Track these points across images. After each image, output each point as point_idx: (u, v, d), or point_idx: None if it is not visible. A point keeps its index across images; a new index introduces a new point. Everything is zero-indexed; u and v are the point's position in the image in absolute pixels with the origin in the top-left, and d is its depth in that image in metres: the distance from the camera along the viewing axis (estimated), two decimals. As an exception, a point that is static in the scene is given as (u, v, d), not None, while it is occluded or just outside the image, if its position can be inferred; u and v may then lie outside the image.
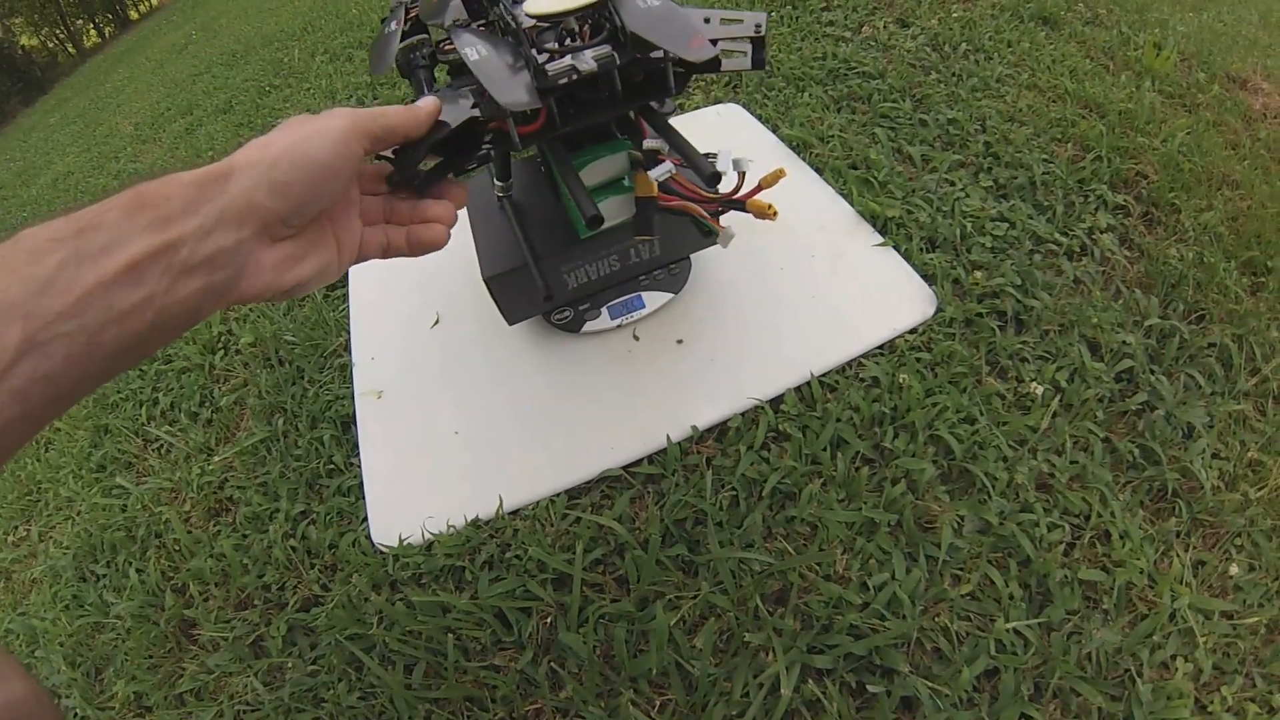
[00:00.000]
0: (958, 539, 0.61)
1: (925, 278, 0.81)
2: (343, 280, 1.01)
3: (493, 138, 0.48)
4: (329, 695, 0.62)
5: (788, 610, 0.59)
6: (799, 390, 0.73)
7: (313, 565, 0.71)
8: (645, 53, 0.47)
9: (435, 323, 0.89)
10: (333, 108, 0.35)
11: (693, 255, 0.80)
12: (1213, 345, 0.77)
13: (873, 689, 0.55)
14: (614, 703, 0.57)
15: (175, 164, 2.00)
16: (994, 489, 0.64)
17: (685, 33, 0.44)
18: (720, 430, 0.72)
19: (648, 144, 0.53)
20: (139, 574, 0.78)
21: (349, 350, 0.90)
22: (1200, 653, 0.57)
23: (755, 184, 0.55)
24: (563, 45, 0.48)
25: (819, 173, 0.96)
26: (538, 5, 0.48)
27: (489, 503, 0.69)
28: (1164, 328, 0.78)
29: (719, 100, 1.17)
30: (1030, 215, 0.89)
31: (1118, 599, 0.59)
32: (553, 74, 0.45)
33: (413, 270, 0.97)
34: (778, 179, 0.53)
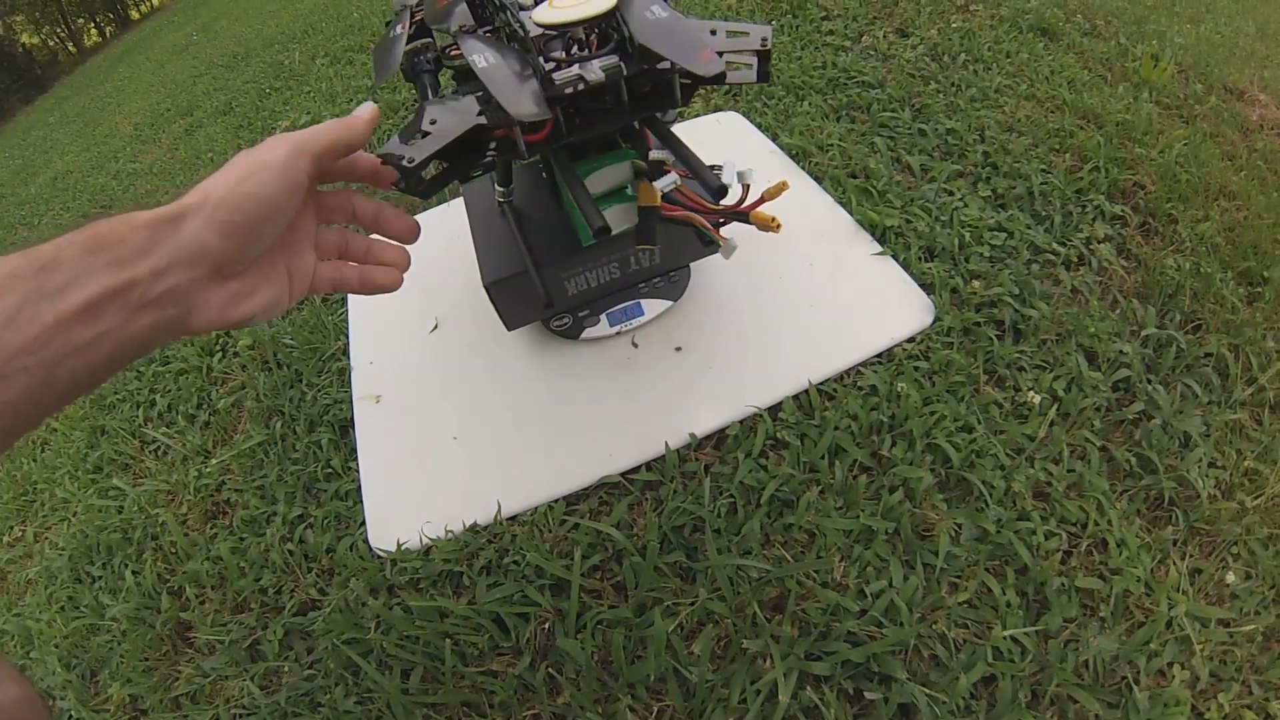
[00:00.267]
0: (955, 547, 0.61)
1: (923, 287, 0.81)
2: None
3: (498, 145, 0.48)
4: (326, 700, 0.62)
5: (785, 617, 0.59)
6: (797, 398, 0.73)
7: (310, 569, 0.71)
8: (652, 64, 0.47)
9: (434, 327, 0.89)
10: (279, 134, 0.35)
11: (692, 263, 0.80)
12: (1209, 355, 0.77)
13: (870, 696, 0.55)
14: (612, 709, 0.57)
15: (175, 164, 2.00)
16: (991, 497, 0.64)
17: (693, 45, 0.44)
18: (719, 437, 0.72)
19: (654, 154, 0.53)
20: (135, 576, 0.77)
21: (347, 354, 0.90)
22: (1197, 660, 0.57)
23: (759, 196, 0.55)
24: (570, 55, 0.48)
25: (818, 181, 0.97)
26: (546, 14, 0.48)
27: (487, 508, 0.69)
28: (1161, 337, 0.78)
29: (719, 108, 1.18)
30: (1028, 225, 0.89)
31: (1115, 607, 0.59)
32: (560, 83, 0.45)
33: (412, 275, 0.96)
34: (780, 191, 0.53)
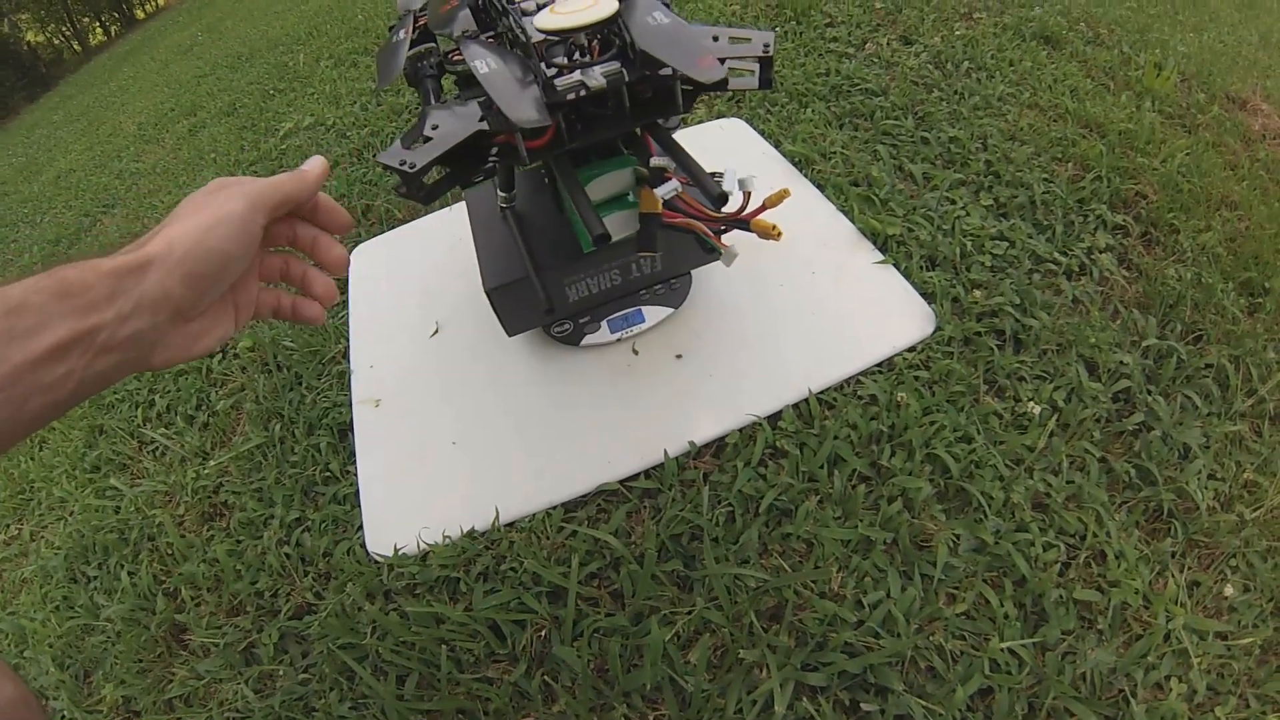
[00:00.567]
0: (953, 558, 0.61)
1: (924, 296, 0.81)
2: (342, 287, 1.01)
3: (499, 151, 0.48)
4: (320, 704, 0.61)
5: (782, 627, 0.59)
6: (797, 407, 0.73)
7: (306, 573, 0.71)
8: (654, 70, 0.47)
9: (435, 332, 0.89)
10: (228, 179, 0.38)
11: (694, 271, 0.80)
12: (1210, 366, 0.77)
13: (867, 707, 0.55)
14: (607, 717, 0.57)
15: (178, 164, 2.00)
16: (990, 508, 0.64)
17: (695, 51, 0.44)
18: (718, 446, 0.72)
19: (655, 161, 0.53)
20: (131, 577, 0.77)
21: (347, 357, 0.90)
22: (1195, 673, 0.57)
23: (760, 204, 0.55)
24: (572, 60, 0.48)
25: (820, 189, 0.97)
26: (548, 20, 0.48)
27: (485, 514, 0.69)
28: (1161, 348, 0.78)
29: (722, 115, 1.18)
30: (1030, 234, 0.89)
31: (1113, 619, 0.59)
32: (562, 89, 0.45)
33: (413, 279, 0.97)
34: (782, 199, 0.53)
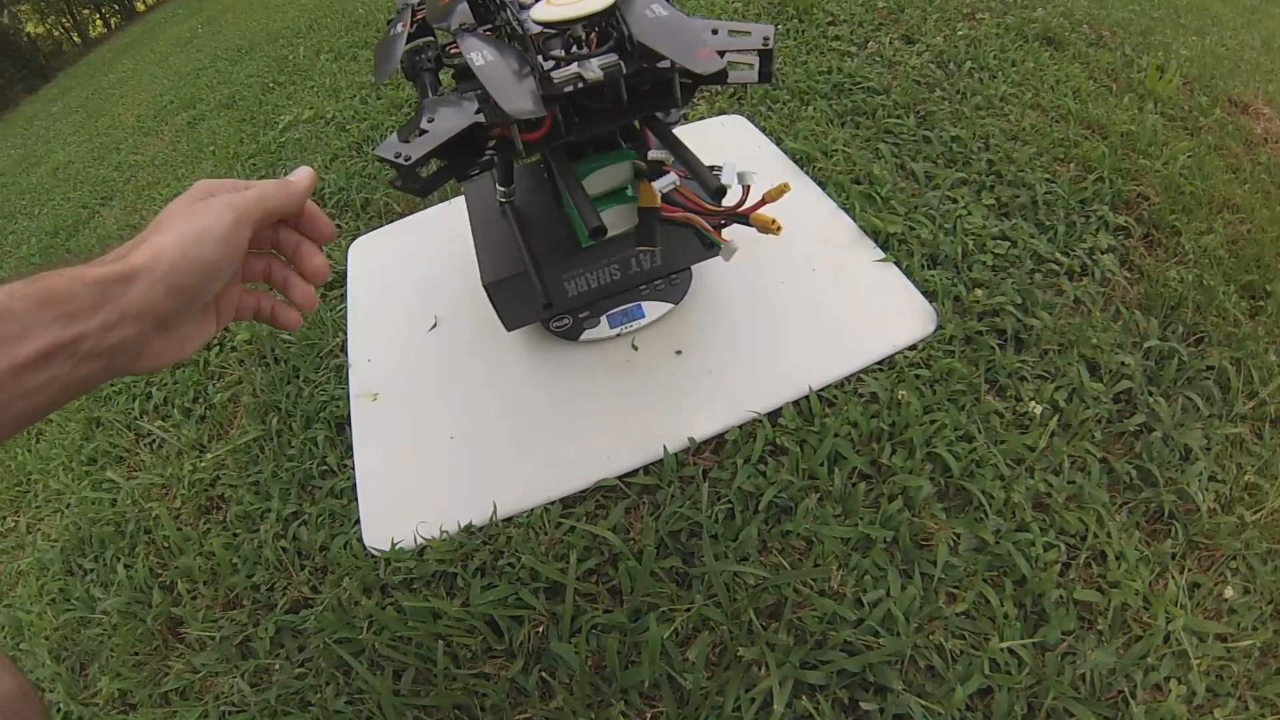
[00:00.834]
0: (953, 557, 0.61)
1: (926, 294, 0.81)
2: (340, 280, 1.00)
3: (496, 144, 0.48)
4: (316, 699, 0.61)
5: (781, 625, 0.59)
6: (797, 404, 0.73)
7: (303, 567, 0.71)
8: (652, 62, 0.47)
9: (433, 326, 0.89)
10: (212, 183, 0.38)
11: (693, 266, 0.80)
12: (1211, 368, 0.77)
13: (866, 706, 0.54)
14: (605, 714, 0.57)
15: (176, 157, 1.99)
16: (991, 507, 0.64)
17: (692, 44, 0.44)
18: (717, 442, 0.72)
19: (653, 154, 0.52)
20: (127, 570, 0.77)
21: (345, 351, 0.90)
22: (1194, 675, 0.57)
23: (759, 198, 0.55)
24: (569, 53, 0.48)
25: (822, 187, 0.96)
26: (545, 12, 0.48)
27: (483, 509, 0.69)
28: (1163, 349, 0.78)
29: (723, 111, 1.18)
30: (1032, 234, 0.89)
31: (1112, 620, 0.59)
32: (558, 81, 0.45)
33: (412, 273, 0.97)
34: (782, 193, 0.53)
